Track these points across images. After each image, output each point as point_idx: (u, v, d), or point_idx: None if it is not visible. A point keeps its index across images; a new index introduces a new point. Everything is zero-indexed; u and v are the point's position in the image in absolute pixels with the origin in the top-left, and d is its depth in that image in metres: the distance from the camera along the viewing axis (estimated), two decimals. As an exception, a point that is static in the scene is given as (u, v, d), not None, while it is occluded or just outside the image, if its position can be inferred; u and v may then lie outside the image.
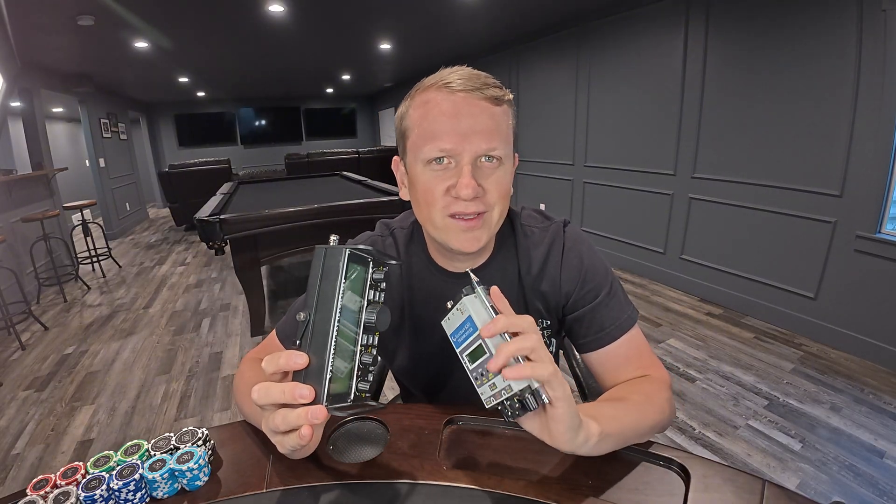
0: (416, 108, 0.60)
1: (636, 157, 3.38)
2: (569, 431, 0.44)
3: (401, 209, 2.88)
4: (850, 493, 1.42)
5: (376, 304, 0.45)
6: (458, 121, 0.56)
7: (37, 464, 1.71)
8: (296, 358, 0.41)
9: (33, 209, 3.80)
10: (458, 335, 0.47)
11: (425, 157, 0.58)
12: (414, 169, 0.61)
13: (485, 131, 0.57)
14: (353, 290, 0.43)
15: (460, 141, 0.56)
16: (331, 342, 0.41)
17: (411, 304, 0.72)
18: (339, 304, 0.41)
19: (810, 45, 2.24)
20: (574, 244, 0.69)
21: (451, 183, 0.58)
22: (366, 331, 0.44)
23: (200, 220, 2.35)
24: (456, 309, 0.46)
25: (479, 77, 0.59)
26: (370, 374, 0.45)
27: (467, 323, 0.45)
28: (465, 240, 0.60)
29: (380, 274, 0.45)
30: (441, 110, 0.57)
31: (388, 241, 0.74)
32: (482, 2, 3.31)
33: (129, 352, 2.63)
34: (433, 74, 0.61)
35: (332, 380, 0.41)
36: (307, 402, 0.40)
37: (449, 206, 0.59)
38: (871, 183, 2.09)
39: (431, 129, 0.57)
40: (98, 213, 5.73)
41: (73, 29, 3.28)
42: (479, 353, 0.45)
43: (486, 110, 0.57)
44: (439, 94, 0.58)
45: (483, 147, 0.57)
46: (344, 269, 0.42)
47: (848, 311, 2.26)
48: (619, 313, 0.66)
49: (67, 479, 0.51)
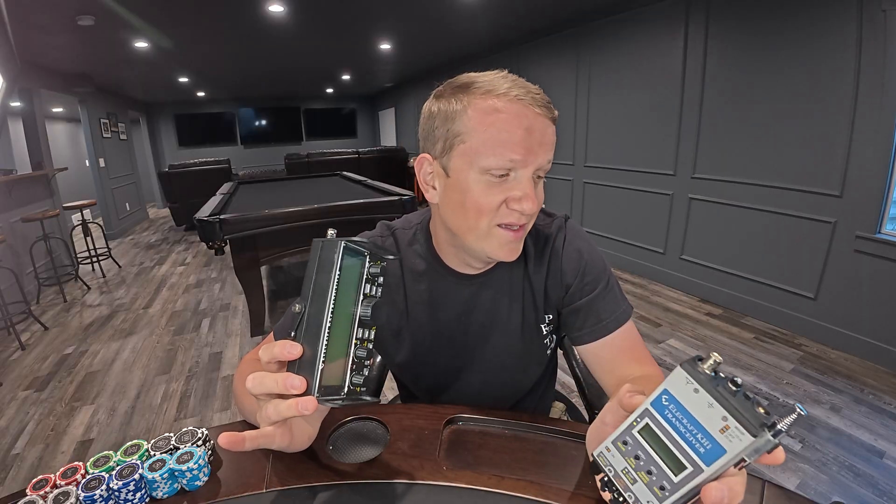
0: (482, 114, 0.56)
1: (636, 158, 3.38)
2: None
3: (401, 209, 2.89)
4: (850, 494, 1.42)
5: (372, 299, 0.44)
6: (531, 135, 0.56)
7: (36, 464, 1.71)
8: (289, 348, 0.41)
9: (33, 209, 3.80)
10: (675, 413, 0.36)
11: (487, 166, 0.56)
12: (464, 175, 0.58)
13: (548, 147, 0.58)
14: (349, 284, 0.43)
15: (530, 155, 0.56)
16: (323, 334, 0.41)
17: (414, 304, 0.72)
18: (332, 296, 0.41)
19: (810, 45, 2.24)
20: (574, 238, 0.70)
21: (511, 195, 0.58)
22: (361, 325, 0.44)
23: (200, 220, 2.34)
24: (720, 411, 0.33)
25: (542, 93, 0.59)
26: (365, 369, 0.45)
27: (706, 440, 0.34)
28: (510, 250, 0.61)
29: (377, 268, 0.45)
30: (518, 123, 0.56)
31: (388, 242, 0.74)
32: (482, 2, 3.31)
33: (128, 352, 2.63)
34: (486, 78, 0.59)
35: (325, 372, 0.41)
36: (299, 392, 0.40)
37: (502, 216, 0.59)
38: (871, 183, 2.09)
39: (502, 140, 0.55)
40: (98, 213, 5.73)
41: (73, 29, 3.28)
42: (668, 456, 0.36)
43: (549, 127, 0.58)
44: (513, 106, 0.56)
45: (544, 162, 0.58)
46: (339, 261, 0.42)
47: (848, 311, 2.26)
48: (615, 306, 0.68)
49: (67, 479, 0.50)
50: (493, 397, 0.75)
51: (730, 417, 0.33)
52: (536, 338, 0.72)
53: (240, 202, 3.25)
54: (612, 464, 0.40)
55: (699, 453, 0.34)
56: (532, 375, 0.76)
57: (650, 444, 0.38)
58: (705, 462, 0.34)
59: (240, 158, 8.77)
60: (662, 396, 0.37)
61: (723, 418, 0.33)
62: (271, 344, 0.43)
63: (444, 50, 5.03)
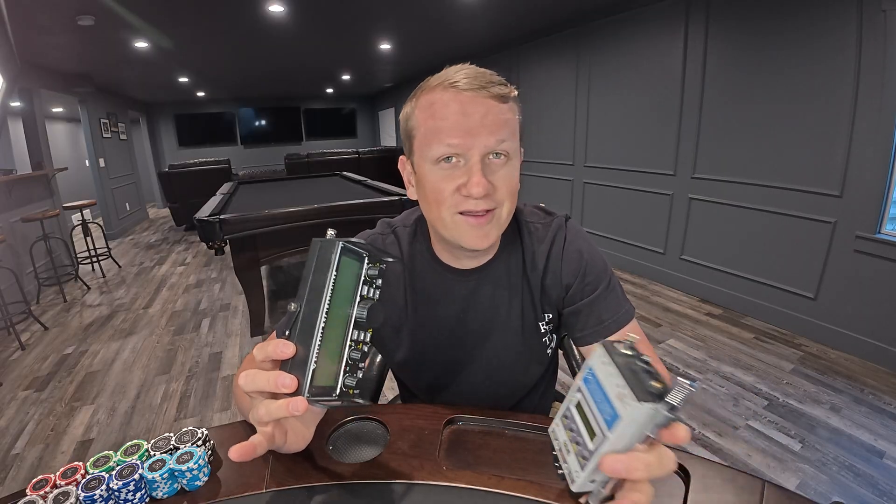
0: (422, 109, 0.60)
1: (636, 158, 3.38)
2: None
3: (401, 209, 2.89)
4: (850, 494, 1.42)
5: (369, 301, 0.44)
6: (466, 118, 0.56)
7: (36, 464, 1.71)
8: (282, 347, 0.41)
9: (33, 209, 3.80)
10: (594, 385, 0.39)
11: (433, 156, 0.58)
12: (422, 168, 0.61)
13: (492, 126, 0.57)
14: (346, 285, 0.43)
15: (468, 137, 0.56)
16: (317, 334, 0.40)
17: (414, 301, 0.72)
18: (328, 296, 0.41)
19: (810, 45, 2.24)
20: (575, 238, 0.70)
21: (461, 182, 0.58)
22: (356, 326, 0.43)
23: (200, 220, 2.35)
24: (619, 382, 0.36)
25: (485, 75, 0.59)
26: (360, 371, 0.44)
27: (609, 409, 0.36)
28: (476, 237, 0.60)
29: (374, 270, 0.44)
30: (448, 109, 0.57)
31: (389, 240, 0.74)
32: (482, 2, 3.31)
33: (128, 352, 2.63)
34: (437, 74, 0.61)
35: (318, 372, 0.41)
36: (289, 391, 0.40)
37: (459, 204, 0.59)
38: (871, 183, 2.09)
39: (438, 128, 0.57)
40: (98, 213, 5.73)
41: (73, 29, 3.28)
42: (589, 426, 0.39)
43: (492, 107, 0.57)
44: (445, 94, 0.58)
45: (492, 142, 0.57)
46: (336, 261, 0.41)
47: (848, 311, 2.26)
48: (617, 307, 0.67)
49: (67, 479, 0.50)
50: (494, 396, 0.75)
51: (625, 385, 0.35)
52: (535, 336, 0.72)
53: (240, 202, 3.25)
54: (558, 438, 0.43)
55: (606, 420, 0.36)
56: (532, 374, 0.76)
57: (580, 416, 0.41)
58: (609, 428, 0.36)
59: (240, 158, 8.77)
60: (588, 373, 0.40)
61: (620, 386, 0.36)
62: (266, 342, 0.43)
63: (444, 50, 5.03)
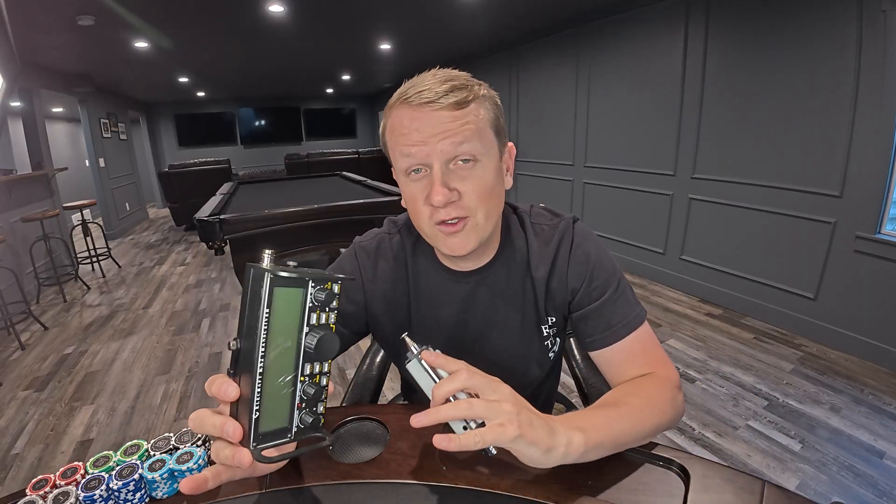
0: (388, 125, 0.62)
1: (636, 158, 3.38)
2: (535, 456, 0.45)
3: (400, 209, 2.88)
4: (850, 494, 1.42)
5: (321, 329, 0.40)
6: (422, 129, 0.57)
7: (36, 464, 1.71)
8: (225, 387, 0.38)
9: (33, 209, 3.80)
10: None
11: (402, 168, 0.60)
12: (399, 180, 0.63)
13: (447, 133, 0.56)
14: (286, 316, 0.38)
15: (423, 146, 0.57)
16: (256, 377, 0.37)
17: (417, 302, 0.72)
18: (262, 334, 0.36)
19: (810, 45, 2.24)
20: (583, 241, 0.68)
21: (428, 192, 0.58)
22: (306, 359, 0.40)
23: (200, 220, 2.34)
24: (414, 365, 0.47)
25: (439, 85, 0.57)
26: (320, 404, 0.42)
27: (424, 380, 0.47)
28: (452, 244, 0.61)
29: (322, 293, 0.40)
30: (405, 122, 0.58)
31: (395, 239, 0.74)
32: (482, 2, 3.31)
33: (128, 352, 2.63)
34: (400, 87, 0.61)
35: (264, 416, 0.38)
36: (235, 441, 0.38)
37: (432, 214, 0.59)
38: (871, 183, 2.09)
39: (399, 143, 0.59)
40: (98, 213, 5.73)
41: (73, 29, 3.28)
42: None
43: (445, 117, 0.57)
44: (401, 110, 0.59)
45: (449, 148, 0.56)
46: (266, 296, 0.36)
47: (847, 311, 2.26)
48: (627, 311, 0.66)
49: (67, 479, 0.50)
50: None
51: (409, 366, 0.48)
52: (537, 339, 0.71)
53: (240, 202, 3.25)
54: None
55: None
56: (533, 378, 0.75)
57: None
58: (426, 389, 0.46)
59: (240, 158, 8.77)
60: None
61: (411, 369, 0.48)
62: (212, 379, 0.40)
63: (444, 50, 5.04)
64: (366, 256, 0.73)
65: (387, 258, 0.73)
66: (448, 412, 0.43)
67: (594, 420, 0.51)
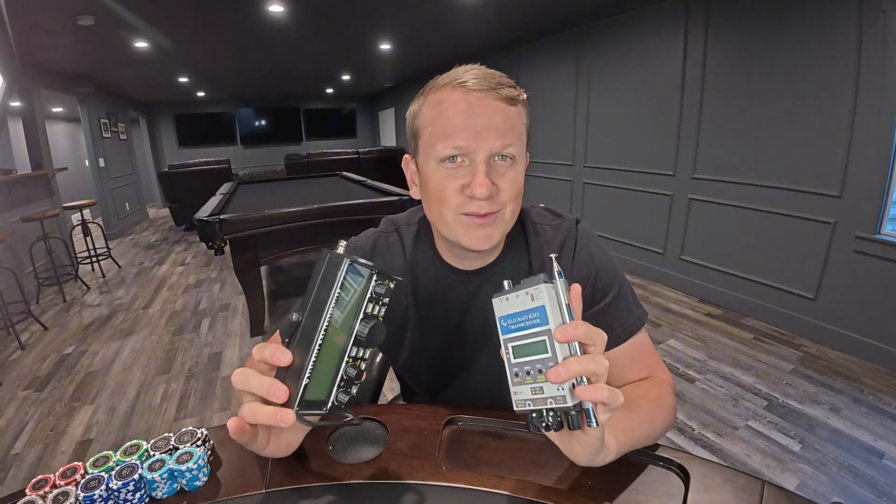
0: (430, 107, 0.59)
1: (636, 158, 3.39)
2: (592, 453, 0.44)
3: (401, 209, 2.89)
4: (850, 494, 1.42)
5: (373, 318, 0.44)
6: (473, 119, 0.56)
7: (36, 464, 1.71)
8: (280, 354, 0.41)
9: (33, 209, 3.80)
10: (513, 321, 0.43)
11: (438, 156, 0.58)
12: (426, 167, 0.60)
13: (500, 129, 0.56)
14: (350, 301, 0.42)
15: (475, 138, 0.56)
16: (314, 348, 0.40)
17: (416, 301, 0.72)
18: (329, 311, 0.41)
19: (810, 45, 2.25)
20: (586, 242, 0.68)
21: (465, 182, 0.57)
22: (356, 343, 0.43)
23: (200, 220, 2.34)
24: (524, 292, 0.42)
25: (494, 76, 0.59)
26: (354, 387, 0.45)
27: (534, 313, 0.41)
28: (477, 237, 0.59)
29: (382, 288, 0.44)
30: (456, 109, 0.56)
31: (392, 238, 0.74)
32: (482, 2, 3.31)
33: (128, 352, 2.63)
34: (447, 73, 0.60)
35: (311, 386, 0.41)
36: (280, 402, 0.40)
37: (463, 204, 0.58)
38: (871, 184, 2.09)
39: (445, 128, 0.57)
40: (98, 213, 5.73)
41: (73, 29, 3.28)
42: (534, 349, 0.41)
43: (501, 110, 0.57)
44: (454, 94, 0.57)
45: (498, 145, 0.56)
46: (341, 278, 0.41)
47: (847, 311, 2.26)
48: (627, 315, 0.66)
49: (66, 479, 0.50)
50: (495, 399, 0.74)
51: (529, 289, 0.41)
52: None
53: (240, 202, 3.25)
54: (526, 400, 0.42)
55: (538, 324, 0.41)
56: None
57: (523, 355, 0.42)
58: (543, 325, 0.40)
59: (240, 158, 8.77)
60: (501, 322, 0.44)
61: (529, 294, 0.42)
62: (265, 344, 0.43)
63: (444, 50, 5.04)
64: (360, 256, 0.72)
65: (383, 257, 0.72)
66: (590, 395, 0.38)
67: (620, 423, 0.51)
